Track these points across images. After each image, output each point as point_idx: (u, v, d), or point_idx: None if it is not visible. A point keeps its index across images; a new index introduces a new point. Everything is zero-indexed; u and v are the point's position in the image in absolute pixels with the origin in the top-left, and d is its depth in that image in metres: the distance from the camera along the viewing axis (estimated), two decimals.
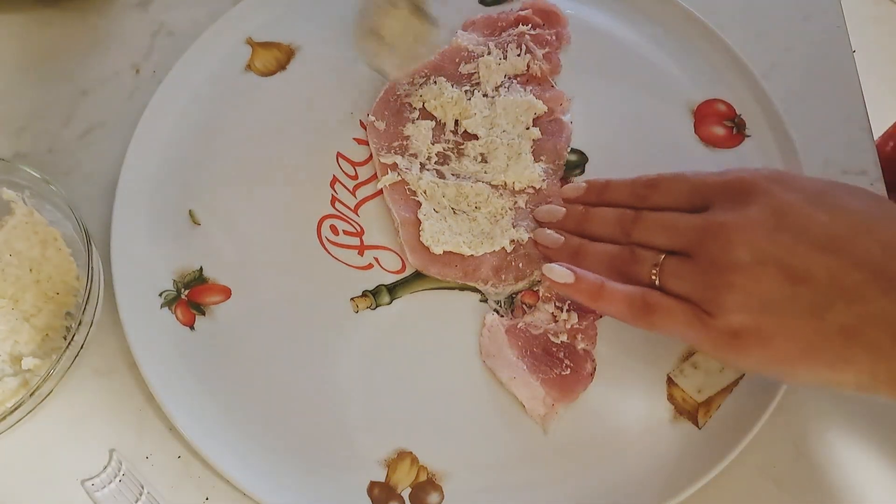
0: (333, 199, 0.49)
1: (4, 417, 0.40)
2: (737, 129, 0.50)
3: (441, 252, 0.46)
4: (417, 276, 0.47)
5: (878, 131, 0.52)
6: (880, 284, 0.34)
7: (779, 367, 0.36)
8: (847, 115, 0.51)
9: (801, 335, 0.35)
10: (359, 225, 0.48)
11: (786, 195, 0.36)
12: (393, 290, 0.46)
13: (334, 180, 0.50)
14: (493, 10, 0.54)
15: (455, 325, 0.45)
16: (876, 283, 0.34)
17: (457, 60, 0.52)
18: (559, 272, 0.41)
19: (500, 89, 0.51)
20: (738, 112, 0.50)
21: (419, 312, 0.46)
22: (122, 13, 0.57)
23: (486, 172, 0.48)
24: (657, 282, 0.39)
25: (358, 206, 0.49)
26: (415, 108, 0.50)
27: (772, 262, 0.35)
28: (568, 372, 0.43)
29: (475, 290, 0.46)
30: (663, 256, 0.39)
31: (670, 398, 0.43)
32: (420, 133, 0.49)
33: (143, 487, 0.42)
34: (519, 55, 0.51)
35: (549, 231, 0.45)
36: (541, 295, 0.45)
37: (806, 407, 0.43)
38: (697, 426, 0.43)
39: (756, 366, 0.36)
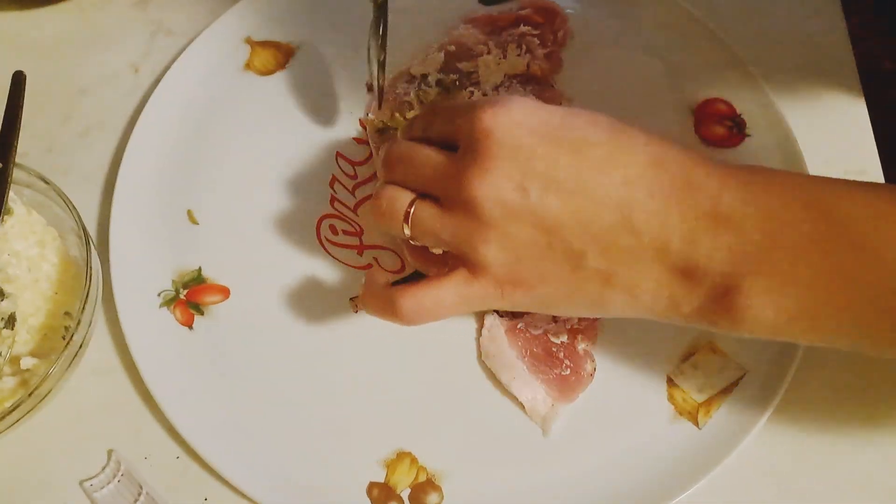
0: (332, 199, 0.49)
1: (3, 417, 0.40)
2: (737, 129, 0.50)
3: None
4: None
5: (879, 131, 0.52)
6: (626, 227, 0.34)
7: (546, 308, 0.38)
8: (847, 114, 0.51)
9: (561, 282, 0.36)
10: (358, 225, 0.48)
11: (527, 139, 0.35)
12: None
13: (333, 180, 0.49)
14: (493, 10, 0.54)
15: (455, 325, 0.45)
16: (623, 225, 0.34)
17: (456, 57, 0.52)
18: None
19: (499, 89, 0.51)
20: (738, 111, 0.50)
21: None
22: (121, 12, 0.57)
23: None
24: (408, 232, 0.38)
25: (357, 205, 0.49)
26: (414, 107, 0.50)
27: (523, 216, 0.35)
28: (568, 372, 0.43)
29: None
30: (414, 202, 0.38)
31: (670, 398, 0.43)
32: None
33: (141, 488, 0.42)
34: (519, 55, 0.51)
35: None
36: None
37: (806, 407, 0.43)
38: (697, 426, 0.42)
39: (527, 307, 0.38)
